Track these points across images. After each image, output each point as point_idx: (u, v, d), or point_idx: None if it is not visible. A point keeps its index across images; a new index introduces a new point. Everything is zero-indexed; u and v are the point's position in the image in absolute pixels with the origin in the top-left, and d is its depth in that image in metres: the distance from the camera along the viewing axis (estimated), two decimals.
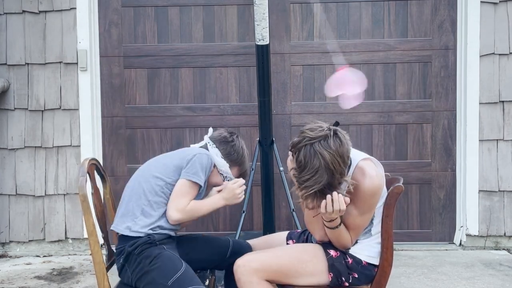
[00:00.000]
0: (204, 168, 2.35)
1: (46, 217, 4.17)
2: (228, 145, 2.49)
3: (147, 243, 2.25)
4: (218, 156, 2.46)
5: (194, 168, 2.32)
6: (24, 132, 4.15)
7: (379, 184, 2.15)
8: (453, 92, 4.18)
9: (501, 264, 3.76)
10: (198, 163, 2.34)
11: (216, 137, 2.52)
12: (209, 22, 4.22)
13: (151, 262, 2.20)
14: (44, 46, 4.12)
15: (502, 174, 4.07)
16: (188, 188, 2.31)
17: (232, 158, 2.49)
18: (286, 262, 2.21)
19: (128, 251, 2.26)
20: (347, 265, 2.23)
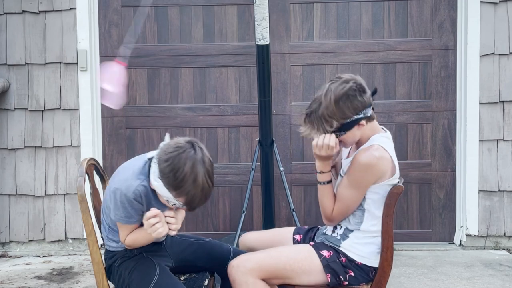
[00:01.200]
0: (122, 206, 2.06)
1: (46, 217, 4.17)
2: (164, 163, 2.00)
3: (125, 256, 2.23)
4: (155, 175, 2.03)
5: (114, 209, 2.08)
6: (24, 132, 4.15)
7: (375, 164, 2.17)
8: (453, 92, 4.18)
9: (501, 264, 3.76)
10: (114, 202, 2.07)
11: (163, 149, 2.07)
12: (209, 22, 4.22)
13: (129, 274, 2.18)
14: (44, 46, 4.12)
15: (502, 174, 4.07)
16: (119, 225, 2.15)
17: (167, 181, 2.00)
18: (281, 262, 2.22)
19: (109, 264, 2.26)
20: (342, 263, 2.23)
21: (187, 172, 1.97)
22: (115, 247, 2.25)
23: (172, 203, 2.05)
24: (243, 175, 4.15)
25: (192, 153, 2.00)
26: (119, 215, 2.09)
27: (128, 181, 2.07)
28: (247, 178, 3.75)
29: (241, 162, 4.23)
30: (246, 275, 2.18)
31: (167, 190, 2.01)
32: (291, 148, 4.23)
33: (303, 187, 4.21)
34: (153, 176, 2.05)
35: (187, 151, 2.00)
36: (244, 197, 3.65)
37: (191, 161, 1.98)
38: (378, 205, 2.26)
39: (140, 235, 2.14)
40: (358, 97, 2.17)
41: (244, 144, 4.24)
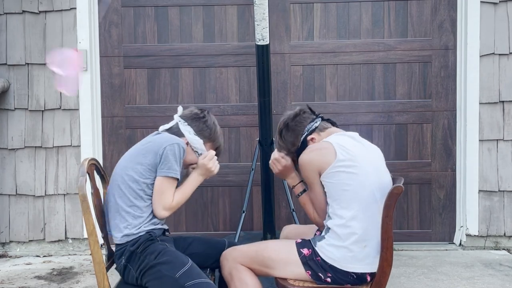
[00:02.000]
0: (178, 159, 2.31)
1: (46, 217, 4.17)
2: (200, 121, 2.48)
3: (149, 240, 2.27)
4: (191, 133, 2.46)
5: (169, 163, 2.29)
6: (24, 132, 4.15)
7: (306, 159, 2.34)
8: (453, 92, 4.18)
9: (501, 264, 3.76)
10: (171, 156, 2.30)
11: (187, 114, 2.51)
12: (209, 22, 4.22)
13: (156, 257, 2.22)
14: (44, 46, 4.12)
15: (502, 174, 4.07)
16: (167, 184, 2.30)
17: (205, 134, 2.48)
18: (260, 249, 2.37)
19: (131, 251, 2.26)
20: (318, 263, 2.26)
21: (216, 126, 2.53)
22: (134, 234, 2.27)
23: (201, 152, 2.46)
24: (243, 175, 4.14)
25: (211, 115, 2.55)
26: (175, 169, 2.30)
27: (176, 139, 2.37)
28: (247, 178, 3.75)
29: (241, 162, 4.23)
30: (231, 261, 2.36)
31: (203, 142, 2.47)
32: None
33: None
34: (189, 134, 2.45)
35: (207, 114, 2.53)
36: (244, 197, 3.65)
37: (214, 120, 2.54)
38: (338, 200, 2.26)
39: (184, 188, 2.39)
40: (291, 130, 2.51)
41: (244, 144, 4.24)
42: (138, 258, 2.25)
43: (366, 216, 2.25)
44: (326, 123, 2.51)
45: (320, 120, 2.51)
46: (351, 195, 2.24)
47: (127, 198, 2.30)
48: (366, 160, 2.30)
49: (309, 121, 2.50)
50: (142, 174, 2.30)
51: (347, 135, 2.43)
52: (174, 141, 2.34)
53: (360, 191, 2.25)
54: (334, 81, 4.22)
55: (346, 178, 2.25)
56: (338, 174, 2.25)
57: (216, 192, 4.25)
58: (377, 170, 2.32)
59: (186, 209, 4.23)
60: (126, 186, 2.31)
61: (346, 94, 4.22)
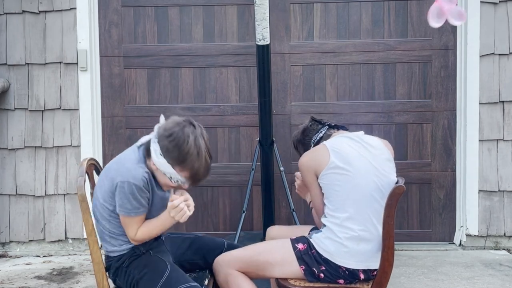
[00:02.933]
0: (130, 197, 2.08)
1: (46, 217, 4.17)
2: (167, 140, 2.07)
3: (134, 256, 2.23)
4: (157, 153, 2.09)
5: (120, 200, 2.10)
6: (24, 132, 4.15)
7: (301, 161, 2.45)
8: (453, 92, 4.18)
9: (501, 264, 3.76)
10: (122, 194, 2.09)
11: (162, 127, 2.14)
12: (209, 22, 4.22)
13: (139, 272, 2.18)
14: (44, 46, 4.12)
15: (502, 174, 4.07)
16: (128, 220, 2.14)
17: (172, 156, 2.06)
18: (255, 254, 2.37)
19: (116, 267, 2.25)
20: (313, 256, 2.29)
21: (191, 145, 2.04)
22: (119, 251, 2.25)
23: (175, 179, 2.09)
24: (243, 175, 4.14)
25: (192, 128, 2.08)
26: (129, 208, 2.10)
27: (132, 171, 2.10)
28: (247, 178, 3.75)
29: (241, 162, 4.23)
30: (225, 267, 2.35)
31: (171, 166, 2.07)
32: (291, 148, 4.22)
33: None
34: (155, 154, 2.09)
35: (187, 126, 2.08)
36: (244, 197, 3.65)
37: (194, 135, 2.06)
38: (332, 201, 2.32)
39: (153, 226, 2.17)
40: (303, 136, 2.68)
41: (244, 144, 4.24)
42: (124, 273, 2.23)
43: (364, 217, 2.27)
44: (331, 129, 2.59)
45: (326, 128, 2.60)
46: (343, 196, 2.30)
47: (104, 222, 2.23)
48: (363, 160, 2.33)
49: (315, 133, 2.61)
50: (106, 200, 2.18)
51: (347, 136, 2.46)
52: (124, 177, 2.09)
53: (352, 192, 2.29)
54: (334, 81, 4.21)
55: (337, 180, 2.31)
56: (331, 176, 2.32)
57: (216, 192, 4.25)
58: (376, 170, 2.33)
59: None
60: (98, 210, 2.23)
61: (346, 94, 4.22)
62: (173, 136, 2.06)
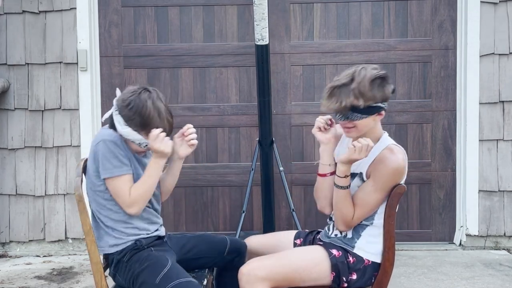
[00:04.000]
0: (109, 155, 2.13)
1: (46, 217, 4.17)
2: (126, 109, 2.15)
3: (135, 249, 2.23)
4: (121, 124, 2.16)
5: (101, 164, 2.14)
6: (24, 132, 4.15)
7: (403, 167, 2.17)
8: (453, 92, 4.18)
9: (501, 264, 3.76)
10: (101, 156, 2.14)
11: (119, 99, 2.21)
12: (209, 22, 4.23)
13: (139, 265, 2.19)
14: (44, 46, 4.12)
15: (502, 174, 4.07)
16: (113, 185, 2.16)
17: (135, 122, 2.14)
18: (292, 271, 2.18)
19: (117, 259, 2.25)
20: (348, 264, 2.22)
21: (151, 109, 2.14)
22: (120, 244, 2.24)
23: (144, 144, 2.17)
24: (243, 175, 4.15)
25: (148, 93, 2.18)
26: (110, 167, 2.13)
27: (102, 133, 2.20)
28: (247, 178, 3.75)
29: (241, 162, 4.23)
30: (255, 284, 2.14)
31: (136, 132, 2.16)
32: (291, 148, 4.23)
33: (303, 187, 4.21)
34: (119, 126, 2.16)
35: (142, 92, 2.18)
36: (244, 197, 3.65)
37: (151, 99, 2.15)
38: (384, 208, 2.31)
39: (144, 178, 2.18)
40: (388, 86, 2.16)
41: (244, 144, 4.24)
42: (125, 267, 2.22)
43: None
44: None
45: None
46: None
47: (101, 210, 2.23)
48: None
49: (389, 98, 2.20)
50: (94, 183, 2.21)
51: None
52: (98, 139, 2.18)
53: None
54: None
55: None
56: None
57: (216, 192, 4.25)
58: None
59: (186, 209, 4.23)
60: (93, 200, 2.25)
61: None
62: (132, 104, 2.15)
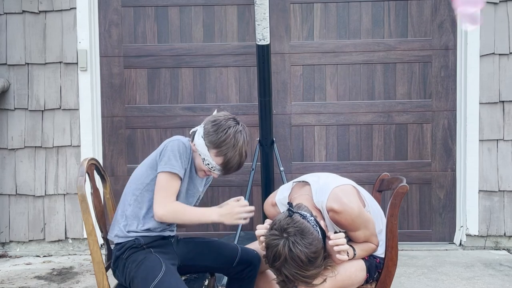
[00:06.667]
0: (177, 154, 2.20)
1: (46, 217, 4.17)
2: (210, 124, 2.25)
3: (133, 247, 2.22)
4: (199, 135, 2.26)
5: (166, 157, 2.20)
6: (24, 132, 4.15)
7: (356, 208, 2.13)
8: (453, 92, 4.18)
9: (501, 264, 3.76)
10: (169, 151, 2.20)
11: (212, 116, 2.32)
12: (209, 22, 4.22)
13: (135, 267, 2.17)
14: (44, 46, 4.12)
15: (502, 174, 4.07)
16: (165, 181, 2.19)
17: (210, 139, 2.22)
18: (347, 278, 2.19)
19: (116, 256, 2.25)
20: (376, 263, 2.30)
21: (229, 135, 2.22)
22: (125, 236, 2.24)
23: (207, 162, 2.23)
24: (243, 175, 4.14)
25: (235, 123, 2.26)
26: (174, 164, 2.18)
27: (181, 137, 2.28)
28: (247, 178, 3.75)
29: None
30: None
31: (207, 148, 2.23)
32: (291, 148, 4.23)
33: None
34: (197, 136, 2.25)
35: (232, 120, 2.27)
36: (244, 197, 3.65)
37: (235, 129, 2.24)
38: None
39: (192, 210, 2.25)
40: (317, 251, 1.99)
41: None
42: (123, 265, 2.22)
43: None
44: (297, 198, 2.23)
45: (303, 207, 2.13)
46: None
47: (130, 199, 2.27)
48: None
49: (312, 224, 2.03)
50: (142, 174, 2.28)
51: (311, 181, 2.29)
52: (175, 138, 2.27)
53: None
54: (334, 81, 4.21)
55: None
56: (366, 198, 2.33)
57: (216, 192, 4.25)
58: None
59: None
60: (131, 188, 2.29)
61: (346, 94, 4.22)
62: (217, 122, 2.24)
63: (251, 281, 2.41)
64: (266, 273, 2.51)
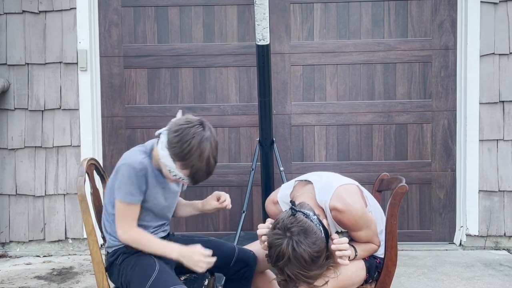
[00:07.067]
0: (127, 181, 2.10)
1: (46, 217, 4.17)
2: (173, 134, 2.06)
3: (126, 253, 2.21)
4: (162, 145, 2.09)
5: (119, 183, 2.11)
6: (24, 132, 4.15)
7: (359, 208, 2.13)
8: (453, 92, 4.18)
9: (501, 264, 3.76)
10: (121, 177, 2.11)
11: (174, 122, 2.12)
12: (209, 22, 4.22)
13: (130, 270, 2.16)
14: (44, 46, 4.12)
15: (502, 174, 4.07)
16: (122, 208, 2.14)
17: (174, 151, 2.05)
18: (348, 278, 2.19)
19: (110, 262, 2.24)
20: (376, 264, 2.29)
21: (194, 146, 2.04)
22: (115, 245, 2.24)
23: (173, 173, 2.09)
24: (243, 175, 4.15)
25: (201, 129, 2.07)
26: (124, 191, 2.11)
27: (132, 156, 2.15)
28: (247, 178, 3.75)
29: (241, 162, 4.23)
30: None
31: (172, 160, 2.07)
32: (291, 148, 4.23)
33: None
34: (160, 145, 2.09)
35: (196, 126, 2.07)
36: (244, 197, 3.66)
37: (199, 136, 2.05)
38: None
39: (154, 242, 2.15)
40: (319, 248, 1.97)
41: (244, 144, 4.24)
42: (118, 270, 2.22)
43: None
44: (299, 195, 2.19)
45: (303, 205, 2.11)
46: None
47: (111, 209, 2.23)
48: None
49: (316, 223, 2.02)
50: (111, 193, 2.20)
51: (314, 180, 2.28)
52: (126, 160, 2.13)
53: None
54: (334, 81, 4.22)
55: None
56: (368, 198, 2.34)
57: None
58: None
59: None
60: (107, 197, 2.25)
61: (346, 94, 4.22)
62: (179, 132, 2.06)
63: (248, 282, 2.40)
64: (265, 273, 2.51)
